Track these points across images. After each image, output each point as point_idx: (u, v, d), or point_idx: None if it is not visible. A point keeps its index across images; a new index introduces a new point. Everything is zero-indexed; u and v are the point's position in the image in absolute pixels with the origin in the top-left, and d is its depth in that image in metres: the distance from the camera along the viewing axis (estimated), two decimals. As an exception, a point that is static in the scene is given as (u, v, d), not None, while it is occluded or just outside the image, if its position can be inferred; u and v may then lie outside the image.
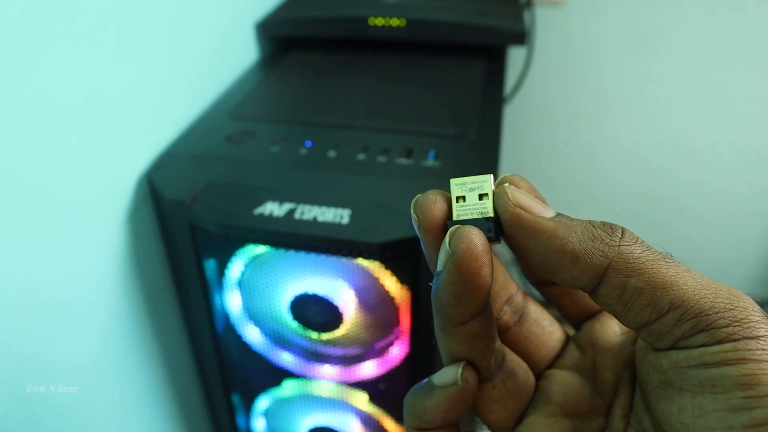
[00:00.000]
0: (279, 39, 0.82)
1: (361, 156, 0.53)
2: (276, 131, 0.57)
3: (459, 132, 0.56)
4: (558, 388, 0.20)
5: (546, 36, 1.09)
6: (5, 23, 0.37)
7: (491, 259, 0.17)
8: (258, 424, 0.64)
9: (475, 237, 0.17)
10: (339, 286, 0.48)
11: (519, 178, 0.19)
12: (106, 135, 0.48)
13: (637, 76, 1.11)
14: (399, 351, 0.52)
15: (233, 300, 0.53)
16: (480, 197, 0.18)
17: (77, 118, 0.45)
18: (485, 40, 0.74)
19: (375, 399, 0.56)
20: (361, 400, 0.56)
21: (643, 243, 0.16)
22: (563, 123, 1.20)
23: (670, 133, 1.17)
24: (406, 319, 0.49)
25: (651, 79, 1.11)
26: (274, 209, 0.46)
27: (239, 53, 0.73)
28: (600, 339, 0.21)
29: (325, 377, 0.55)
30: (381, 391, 0.55)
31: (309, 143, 0.55)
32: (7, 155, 0.39)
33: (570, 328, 0.23)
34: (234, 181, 0.50)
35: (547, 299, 0.23)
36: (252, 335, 0.55)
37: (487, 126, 0.58)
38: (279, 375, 0.57)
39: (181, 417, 0.68)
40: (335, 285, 0.48)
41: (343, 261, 0.46)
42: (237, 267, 0.50)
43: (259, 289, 0.51)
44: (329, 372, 0.55)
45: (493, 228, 0.18)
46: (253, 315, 0.53)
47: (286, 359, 0.56)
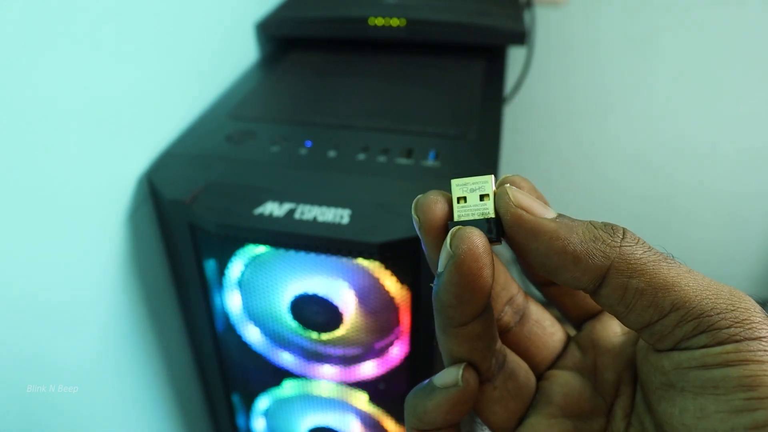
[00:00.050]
0: (279, 39, 0.82)
1: (361, 156, 0.53)
2: (276, 131, 0.57)
3: (459, 132, 0.56)
4: (559, 388, 0.20)
5: (546, 36, 1.09)
6: (5, 23, 0.37)
7: (492, 261, 0.17)
8: (258, 424, 0.64)
9: (476, 238, 0.17)
10: (339, 286, 0.48)
11: (520, 178, 0.19)
12: (106, 135, 0.48)
13: (637, 76, 1.11)
14: (399, 351, 0.52)
15: (233, 300, 0.53)
16: (481, 198, 0.18)
17: (77, 118, 0.45)
18: (485, 40, 0.74)
19: (375, 399, 0.56)
20: (361, 400, 0.56)
21: (645, 244, 0.16)
22: (563, 123, 1.20)
23: (670, 133, 1.17)
24: (406, 319, 0.49)
25: (651, 79, 1.11)
26: (274, 209, 0.46)
27: (239, 53, 0.73)
28: (601, 339, 0.21)
29: (325, 377, 0.55)
30: (381, 391, 0.55)
31: (309, 143, 0.55)
32: (7, 155, 0.39)
33: (571, 328, 0.23)
34: (234, 181, 0.50)
35: (548, 299, 0.23)
36: (252, 335, 0.55)
37: (487, 126, 0.58)
38: (279, 375, 0.57)
39: (181, 417, 0.68)
40: (335, 285, 0.48)
41: (343, 261, 0.46)
42: (237, 267, 0.50)
43: (259, 289, 0.51)
44: (329, 372, 0.55)
45: (494, 229, 0.18)
46: (253, 315, 0.53)
47: (286, 359, 0.55)
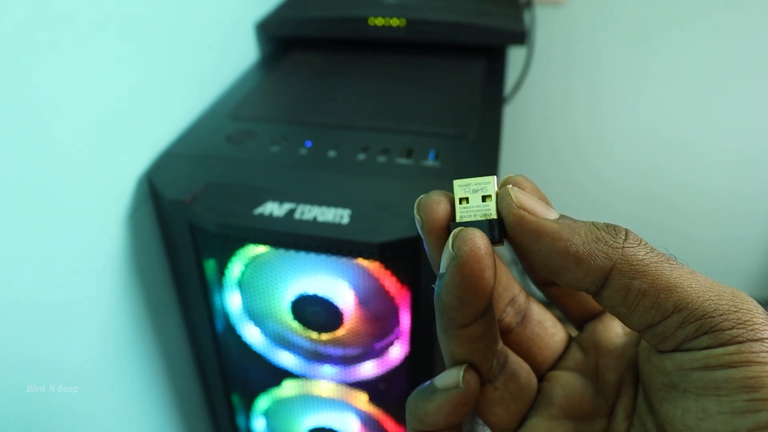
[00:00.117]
0: (279, 39, 0.82)
1: (361, 156, 0.53)
2: (276, 131, 0.57)
3: (459, 132, 0.56)
4: (560, 390, 0.20)
5: (546, 36, 1.09)
6: (5, 23, 0.37)
7: (494, 262, 0.17)
8: (258, 424, 0.64)
9: (478, 239, 0.17)
10: (339, 286, 0.48)
11: (523, 178, 0.19)
12: (106, 135, 0.48)
13: (637, 76, 1.11)
14: (399, 351, 0.52)
15: (233, 300, 0.53)
16: (483, 199, 0.18)
17: (77, 118, 0.45)
18: (485, 40, 0.74)
19: (375, 399, 0.56)
20: (361, 400, 0.56)
21: (647, 245, 0.16)
22: (563, 123, 1.20)
23: (669, 134, 1.17)
24: (406, 320, 0.49)
25: (651, 80, 1.11)
26: (274, 209, 0.46)
27: (239, 53, 0.73)
28: (603, 340, 0.21)
29: (325, 377, 0.55)
30: (381, 391, 0.55)
31: (309, 143, 0.55)
32: (7, 155, 0.38)
33: (572, 328, 0.23)
34: (234, 181, 0.50)
35: (550, 300, 0.23)
36: (252, 335, 0.55)
37: (487, 126, 0.58)
38: (279, 375, 0.57)
39: (181, 417, 0.68)
40: (335, 285, 0.48)
41: (343, 261, 0.46)
42: (237, 267, 0.50)
43: (259, 289, 0.51)
44: (329, 372, 0.55)
45: (496, 230, 0.18)
46: (253, 315, 0.53)
47: (286, 359, 0.55)
